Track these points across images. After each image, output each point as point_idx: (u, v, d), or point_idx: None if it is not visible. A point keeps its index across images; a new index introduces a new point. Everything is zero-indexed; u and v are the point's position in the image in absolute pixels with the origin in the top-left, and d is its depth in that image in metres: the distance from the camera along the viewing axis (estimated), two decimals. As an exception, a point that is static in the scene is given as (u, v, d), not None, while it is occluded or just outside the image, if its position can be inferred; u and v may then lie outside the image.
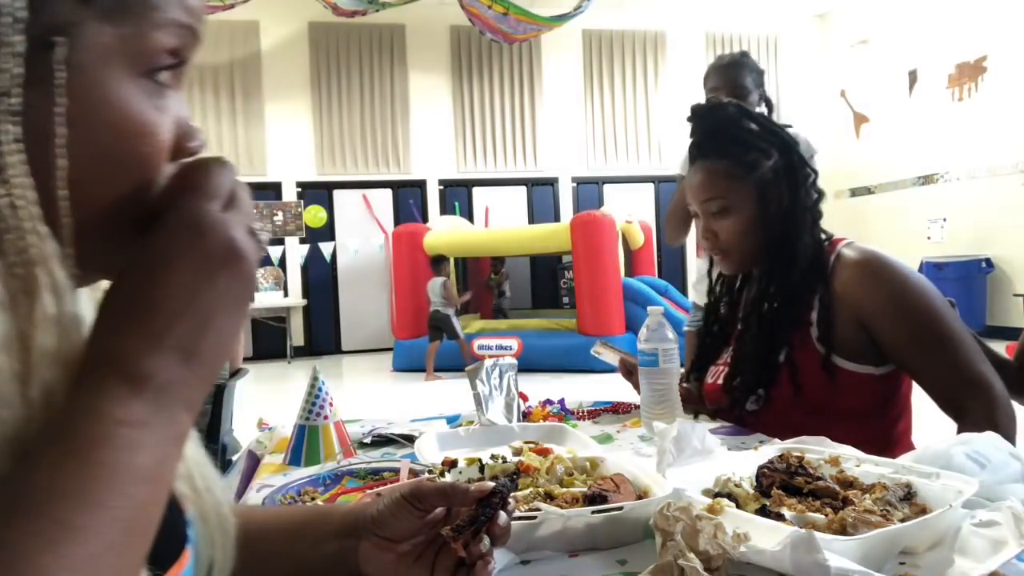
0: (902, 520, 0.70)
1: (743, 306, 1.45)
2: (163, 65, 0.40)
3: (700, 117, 1.39)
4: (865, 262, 1.29)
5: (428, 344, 6.93)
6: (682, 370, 1.38)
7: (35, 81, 0.34)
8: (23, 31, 0.33)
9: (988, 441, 0.84)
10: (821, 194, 1.39)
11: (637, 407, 1.40)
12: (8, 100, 0.32)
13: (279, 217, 8.97)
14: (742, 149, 1.33)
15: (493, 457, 1.00)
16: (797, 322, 1.31)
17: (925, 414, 1.40)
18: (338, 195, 9.23)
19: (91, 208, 0.38)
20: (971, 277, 7.61)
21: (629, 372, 1.49)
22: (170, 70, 0.41)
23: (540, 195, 9.81)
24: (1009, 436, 1.13)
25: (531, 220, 9.57)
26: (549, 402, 1.60)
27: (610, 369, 1.63)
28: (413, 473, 1.07)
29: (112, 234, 0.41)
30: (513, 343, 6.94)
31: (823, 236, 1.37)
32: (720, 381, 1.41)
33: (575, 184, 9.85)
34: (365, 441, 1.34)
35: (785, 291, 1.33)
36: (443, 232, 7.79)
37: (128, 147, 0.39)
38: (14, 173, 0.32)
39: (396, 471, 1.10)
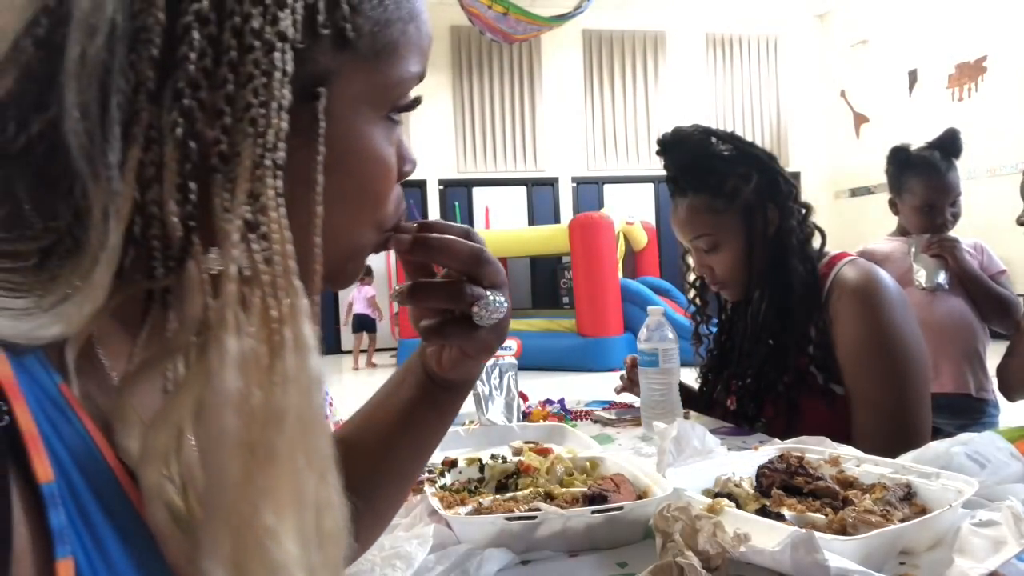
0: (902, 520, 0.70)
1: (744, 327, 1.43)
2: (401, 106, 0.42)
3: (668, 151, 1.36)
4: (862, 290, 1.26)
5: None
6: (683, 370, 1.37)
7: (297, 131, 0.34)
8: (290, 84, 0.32)
9: (988, 441, 0.84)
10: (808, 208, 1.36)
11: (637, 407, 1.40)
12: (274, 155, 0.31)
13: (279, 217, 8.94)
14: (719, 179, 1.30)
15: (493, 457, 1.00)
16: (795, 349, 1.30)
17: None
18: (338, 195, 9.22)
19: (338, 248, 0.40)
20: (971, 277, 7.59)
21: (631, 381, 1.49)
22: (406, 111, 0.43)
23: (540, 195, 9.81)
24: None
25: (531, 220, 9.57)
26: (549, 402, 1.61)
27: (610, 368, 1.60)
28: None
29: (343, 262, 0.43)
30: (513, 343, 6.91)
31: (820, 253, 1.35)
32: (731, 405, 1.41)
33: (575, 184, 9.85)
34: (365, 441, 1.34)
35: (781, 319, 1.32)
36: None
37: (373, 187, 0.41)
38: (275, 228, 0.31)
39: (396, 471, 1.10)
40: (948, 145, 1.99)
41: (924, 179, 1.96)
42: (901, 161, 2.03)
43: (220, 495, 0.28)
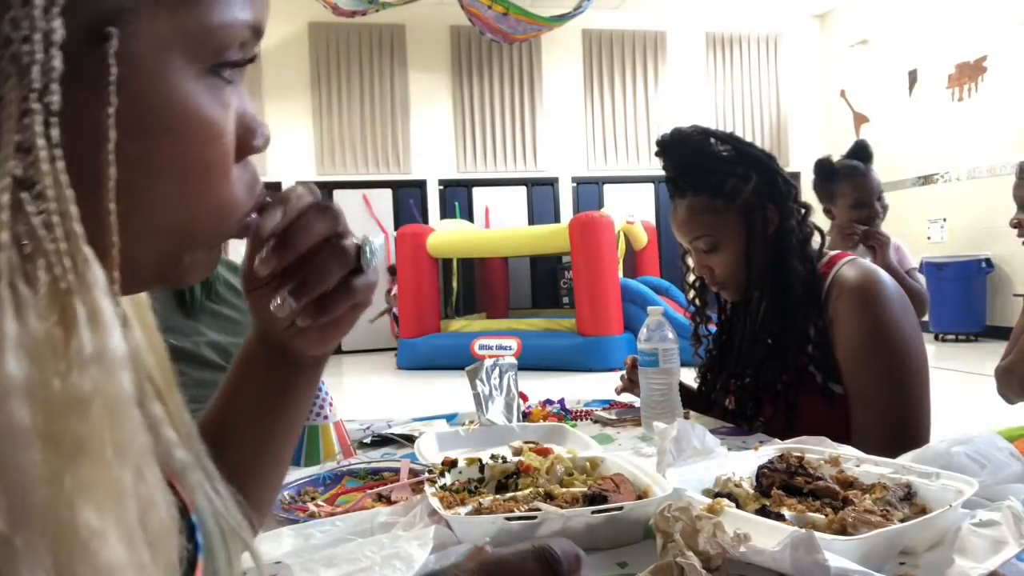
0: (902, 520, 0.70)
1: (744, 327, 1.43)
2: (228, 61, 0.36)
3: (667, 151, 1.36)
4: (861, 289, 1.26)
5: None
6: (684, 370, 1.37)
7: (84, 79, 0.29)
8: (60, 15, 0.27)
9: (988, 441, 0.84)
10: (808, 208, 1.36)
11: (637, 407, 1.40)
12: (46, 98, 0.27)
13: (279, 217, 8.95)
14: (718, 179, 1.30)
15: (493, 457, 1.00)
16: (795, 348, 1.30)
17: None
18: (338, 195, 9.22)
19: (151, 224, 0.35)
20: (971, 277, 7.60)
21: (631, 381, 1.49)
22: (235, 67, 0.37)
23: (540, 195, 9.81)
24: None
25: (531, 220, 9.57)
26: (549, 402, 1.61)
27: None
28: (413, 473, 1.07)
29: (175, 251, 0.37)
30: (513, 343, 6.94)
31: (819, 253, 1.35)
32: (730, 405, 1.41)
33: (575, 184, 9.85)
34: (365, 441, 1.34)
35: (781, 319, 1.32)
36: (445, 233, 7.80)
37: (192, 152, 0.35)
38: (50, 184, 0.26)
39: (396, 471, 1.10)
40: (862, 153, 2.39)
41: (851, 180, 2.32)
42: (827, 170, 2.37)
43: (28, 499, 0.24)
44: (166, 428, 0.43)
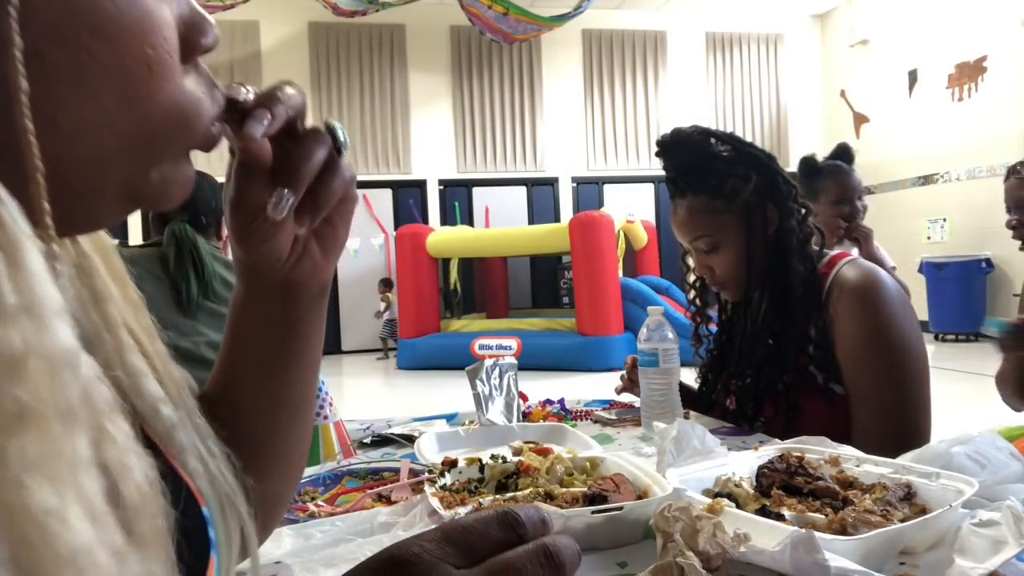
0: (902, 520, 0.70)
1: (744, 327, 1.43)
2: None
3: (667, 152, 1.36)
4: (862, 290, 1.26)
5: None
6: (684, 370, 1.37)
7: None
8: None
9: (988, 441, 0.84)
10: (808, 208, 1.36)
11: (637, 407, 1.40)
12: None
13: (279, 217, 8.96)
14: (718, 179, 1.30)
15: (493, 457, 1.00)
16: (795, 349, 1.30)
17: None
18: (338, 195, 9.22)
19: (103, 140, 0.31)
20: (971, 277, 7.60)
21: (631, 381, 1.49)
22: None
23: (540, 195, 9.81)
24: None
25: (531, 220, 9.58)
26: (549, 402, 1.61)
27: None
28: (413, 473, 1.07)
29: (139, 168, 0.34)
30: (513, 343, 6.94)
31: (820, 253, 1.35)
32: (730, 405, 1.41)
33: (575, 184, 9.85)
34: (365, 441, 1.34)
35: (781, 319, 1.32)
36: (444, 232, 7.81)
37: (128, 52, 0.30)
38: None
39: (396, 471, 1.10)
40: (844, 155, 2.46)
41: (835, 178, 2.38)
42: (812, 168, 2.41)
43: None
44: (149, 382, 0.40)
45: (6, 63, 0.26)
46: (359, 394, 6.45)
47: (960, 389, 5.03)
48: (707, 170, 1.31)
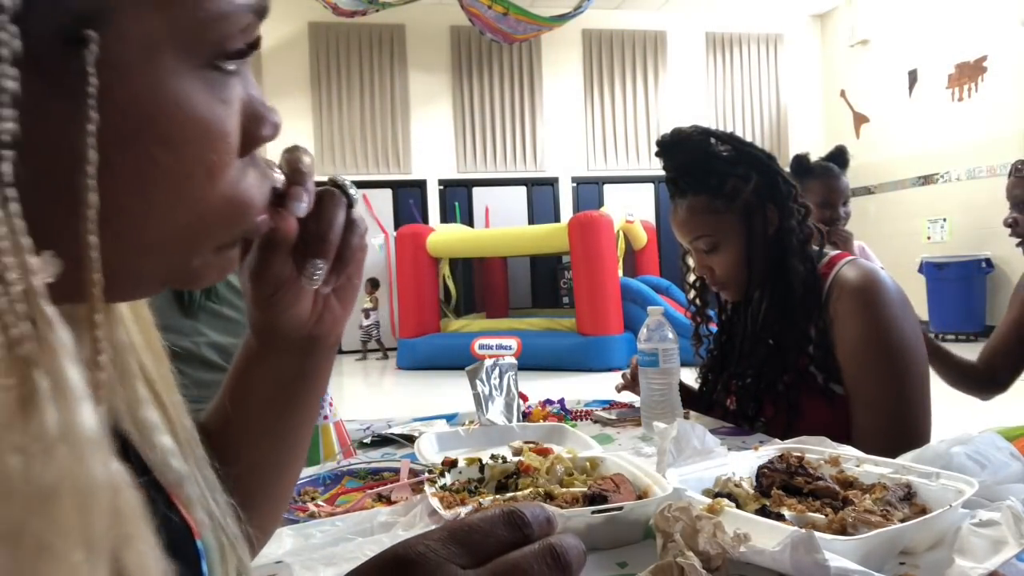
0: (902, 520, 0.70)
1: (745, 328, 1.43)
2: (229, 52, 0.32)
3: (667, 151, 1.36)
4: (862, 290, 1.26)
5: None
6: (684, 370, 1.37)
7: (61, 91, 0.26)
8: (16, 21, 0.23)
9: (988, 441, 0.84)
10: (808, 209, 1.36)
11: (637, 407, 1.40)
12: None
13: (279, 217, 8.97)
14: (719, 179, 1.30)
15: (493, 457, 1.00)
16: (795, 349, 1.30)
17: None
18: (338, 195, 9.22)
19: (150, 236, 0.31)
20: (971, 277, 7.60)
21: (632, 380, 1.49)
22: (237, 58, 0.33)
23: (540, 195, 9.81)
24: None
25: (531, 220, 9.58)
26: (549, 402, 1.61)
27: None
28: (413, 473, 1.07)
29: (182, 259, 0.34)
30: (513, 343, 6.94)
31: (820, 253, 1.35)
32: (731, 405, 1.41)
33: (575, 184, 9.85)
34: (365, 441, 1.34)
35: (782, 319, 1.32)
36: (444, 232, 7.81)
37: (190, 157, 0.31)
38: (3, 233, 0.22)
39: (396, 471, 1.10)
40: (839, 159, 2.49)
41: (823, 180, 2.39)
42: (802, 167, 2.41)
43: None
44: (162, 436, 0.41)
45: (79, 178, 0.26)
46: (359, 394, 6.45)
47: (960, 389, 5.02)
48: (707, 170, 1.31)
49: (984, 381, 1.81)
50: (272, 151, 0.40)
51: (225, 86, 0.32)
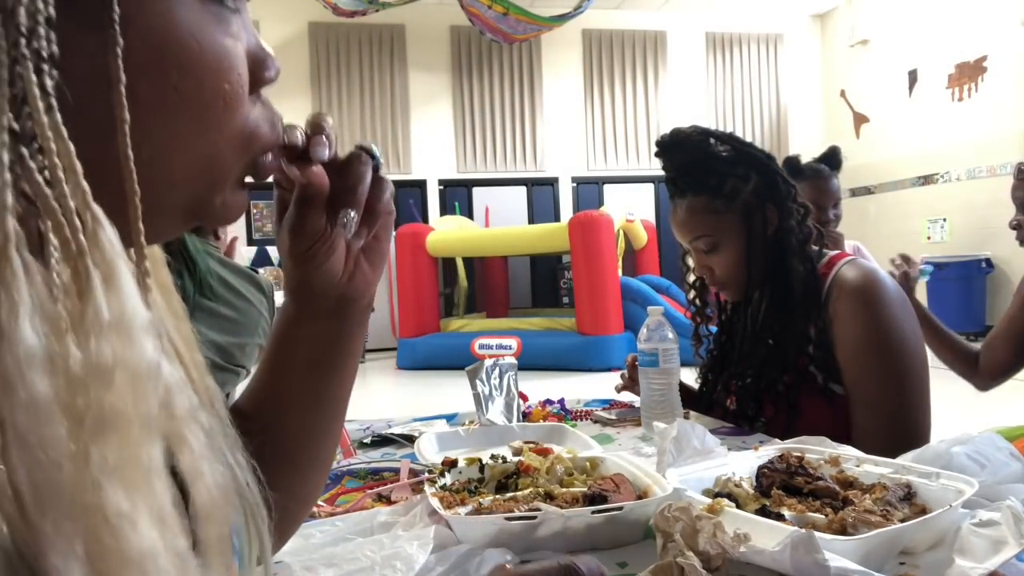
0: (902, 520, 0.70)
1: (744, 328, 1.43)
2: None
3: (667, 152, 1.36)
4: (862, 291, 1.26)
5: None
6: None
7: (86, 22, 0.28)
8: None
9: (988, 441, 0.84)
10: (807, 208, 1.36)
11: (637, 407, 1.40)
12: (36, 42, 0.24)
13: (279, 217, 8.98)
14: (718, 179, 1.30)
15: (493, 457, 1.00)
16: (795, 349, 1.30)
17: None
18: (338, 195, 9.22)
19: (176, 166, 0.34)
20: (971, 277, 7.60)
21: (631, 380, 1.49)
22: None
23: (540, 195, 9.81)
24: None
25: (531, 220, 9.57)
26: (549, 402, 1.61)
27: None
28: (413, 473, 1.07)
29: (206, 193, 0.37)
30: (513, 343, 6.94)
31: (820, 253, 1.35)
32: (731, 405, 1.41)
33: (575, 184, 9.85)
34: (365, 441, 1.34)
35: (781, 319, 1.32)
36: (444, 232, 7.81)
37: (207, 86, 0.33)
38: (50, 136, 0.24)
39: (396, 471, 1.10)
40: (832, 160, 2.45)
41: (813, 182, 2.34)
42: (793, 168, 2.38)
43: (54, 479, 0.22)
44: (187, 391, 0.42)
45: (112, 98, 0.28)
46: (359, 394, 6.42)
47: (960, 389, 5.02)
48: (707, 170, 1.31)
49: (982, 369, 1.81)
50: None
51: (231, 23, 0.35)
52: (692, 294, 1.51)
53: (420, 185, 9.42)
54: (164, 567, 0.23)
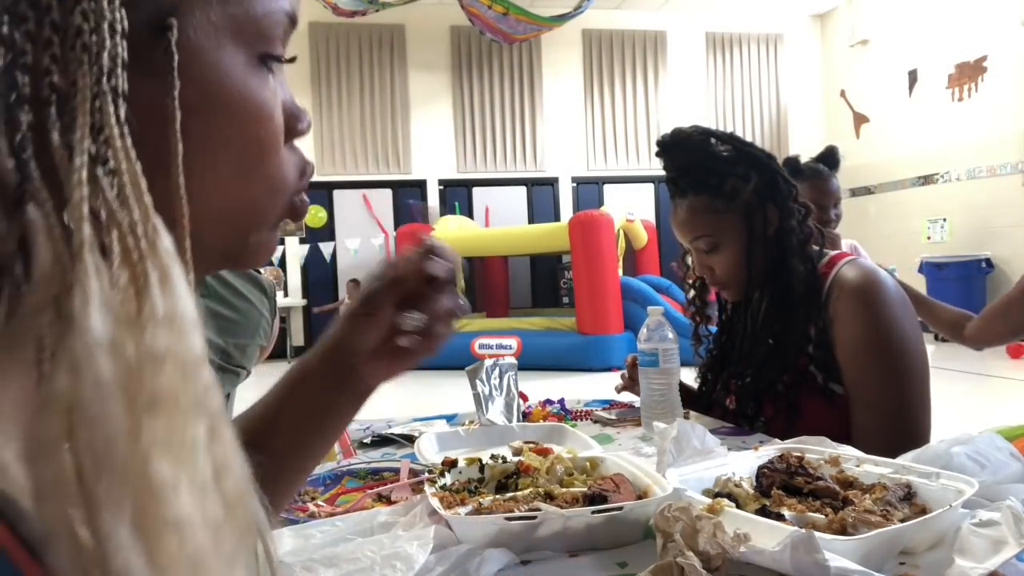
0: (902, 520, 0.70)
1: (744, 327, 1.43)
2: (272, 53, 0.39)
3: (667, 152, 1.36)
4: (862, 290, 1.26)
5: None
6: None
7: (149, 68, 0.33)
8: (123, 7, 0.30)
9: (988, 441, 0.84)
10: (808, 208, 1.35)
11: (637, 407, 1.40)
12: (113, 81, 0.29)
13: (279, 217, 8.99)
14: (719, 179, 1.30)
15: (493, 457, 1.00)
16: (795, 349, 1.30)
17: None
18: (338, 195, 9.23)
19: (216, 205, 0.38)
20: (971, 277, 7.60)
21: (631, 380, 1.48)
22: (276, 61, 0.40)
23: (540, 195, 9.81)
24: None
25: (531, 220, 9.57)
26: (549, 402, 1.61)
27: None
28: (413, 473, 1.07)
29: (240, 233, 0.41)
30: (513, 343, 6.94)
31: (820, 253, 1.35)
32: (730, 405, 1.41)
33: (575, 184, 9.85)
34: (365, 441, 1.34)
35: (781, 319, 1.32)
36: (444, 232, 7.81)
37: (247, 132, 0.38)
38: (122, 159, 0.29)
39: (396, 471, 1.10)
40: (830, 159, 2.45)
41: (813, 182, 2.34)
42: (793, 169, 2.37)
43: (110, 448, 0.26)
44: (217, 389, 0.46)
45: (167, 134, 0.33)
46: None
47: (960, 389, 5.03)
48: (707, 170, 1.31)
49: (969, 336, 1.80)
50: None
51: (269, 80, 0.40)
52: (692, 294, 1.51)
53: (420, 185, 9.43)
54: (201, 534, 0.27)
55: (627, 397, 1.54)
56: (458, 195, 9.53)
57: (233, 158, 0.38)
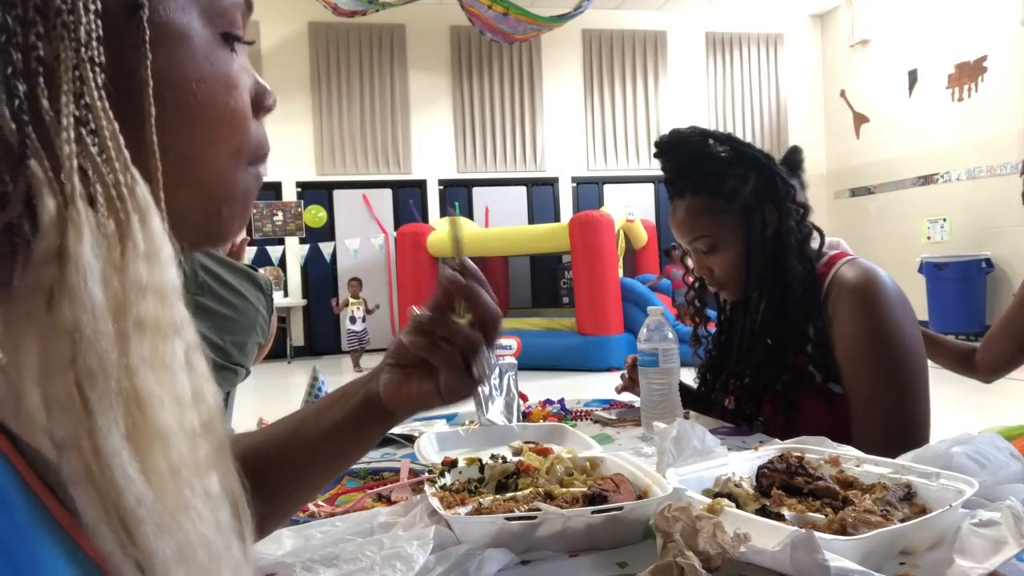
0: (902, 520, 0.70)
1: (743, 327, 1.43)
2: (233, 33, 0.42)
3: (665, 153, 1.36)
4: (861, 290, 1.25)
5: None
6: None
7: (126, 43, 0.36)
8: None
9: (988, 441, 0.84)
10: (807, 208, 1.35)
11: (637, 407, 1.40)
12: (90, 51, 0.33)
13: (279, 217, 8.97)
14: (717, 180, 1.30)
15: (493, 457, 1.00)
16: (794, 348, 1.30)
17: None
18: (338, 195, 9.23)
19: (191, 173, 0.40)
20: (971, 277, 7.60)
21: (631, 380, 1.48)
22: (237, 40, 0.43)
23: (540, 195, 9.81)
24: None
25: (531, 220, 9.57)
26: (549, 402, 1.61)
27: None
28: (413, 473, 1.07)
29: (214, 203, 0.43)
30: (513, 343, 6.92)
31: (819, 253, 1.35)
32: (729, 405, 1.41)
33: (575, 184, 9.85)
34: (365, 441, 1.34)
35: (780, 319, 1.32)
36: (445, 232, 7.81)
37: (218, 100, 0.41)
38: (103, 120, 0.32)
39: (396, 471, 1.10)
40: (790, 159, 2.44)
41: None
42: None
43: (103, 363, 0.29)
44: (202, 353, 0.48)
45: (143, 99, 0.36)
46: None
47: (960, 389, 5.02)
48: (706, 171, 1.31)
49: (979, 365, 1.80)
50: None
51: (235, 57, 0.43)
52: (691, 294, 1.51)
53: (420, 185, 9.43)
54: (182, 441, 0.31)
55: (627, 397, 1.54)
56: (458, 195, 9.53)
57: (205, 126, 0.40)
